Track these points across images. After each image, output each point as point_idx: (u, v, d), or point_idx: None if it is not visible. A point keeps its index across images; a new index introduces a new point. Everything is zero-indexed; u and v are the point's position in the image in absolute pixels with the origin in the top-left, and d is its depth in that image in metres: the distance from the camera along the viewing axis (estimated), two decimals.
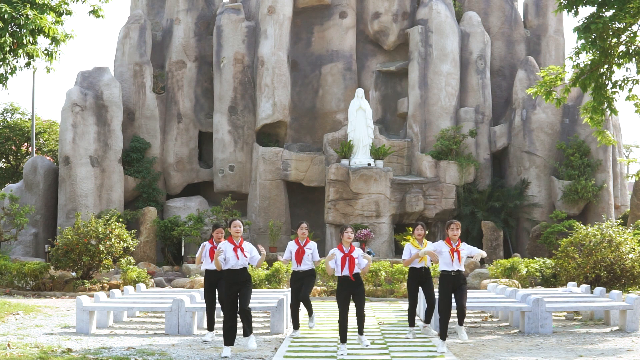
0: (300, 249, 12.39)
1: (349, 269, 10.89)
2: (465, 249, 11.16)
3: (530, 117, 27.71)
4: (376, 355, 10.54)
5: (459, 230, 11.16)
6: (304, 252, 12.37)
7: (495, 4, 30.19)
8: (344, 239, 11.07)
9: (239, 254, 10.65)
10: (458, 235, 11.13)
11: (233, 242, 10.74)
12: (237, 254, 10.64)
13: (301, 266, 12.36)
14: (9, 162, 35.05)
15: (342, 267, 10.93)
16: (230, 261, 10.64)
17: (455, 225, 11.12)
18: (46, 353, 10.48)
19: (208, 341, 12.09)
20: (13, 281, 20.73)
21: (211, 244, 12.22)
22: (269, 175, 27.22)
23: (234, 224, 10.80)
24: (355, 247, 11.12)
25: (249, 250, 10.79)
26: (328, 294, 19.41)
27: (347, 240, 11.05)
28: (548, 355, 10.69)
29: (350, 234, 11.09)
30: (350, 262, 10.91)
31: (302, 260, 12.39)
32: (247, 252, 10.74)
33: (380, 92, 29.25)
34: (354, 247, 11.09)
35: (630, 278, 18.48)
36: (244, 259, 10.67)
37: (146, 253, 25.85)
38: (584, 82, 13.44)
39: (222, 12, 28.73)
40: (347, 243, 11.05)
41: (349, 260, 10.91)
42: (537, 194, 27.40)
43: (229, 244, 10.72)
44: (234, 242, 10.73)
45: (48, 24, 12.20)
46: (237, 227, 10.79)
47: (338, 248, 11.06)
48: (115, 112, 26.99)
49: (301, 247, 12.42)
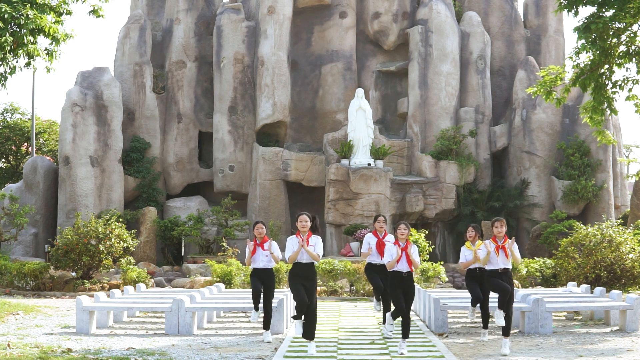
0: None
1: (406, 264, 10.74)
2: (510, 247, 11.03)
3: (530, 117, 27.71)
4: (376, 356, 10.53)
5: (504, 227, 11.09)
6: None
7: (495, 4, 30.20)
8: (398, 235, 10.87)
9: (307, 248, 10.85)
10: (503, 232, 11.08)
11: (300, 236, 10.90)
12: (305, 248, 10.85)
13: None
14: (9, 162, 35.05)
15: (398, 261, 10.74)
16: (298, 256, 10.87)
17: (500, 223, 11.08)
18: (46, 353, 10.47)
19: (253, 321, 12.28)
20: (13, 281, 20.72)
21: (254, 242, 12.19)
22: (269, 175, 27.22)
23: (300, 219, 10.98)
24: (313, 235, 11.02)
25: (313, 243, 11.01)
26: (328, 294, 19.40)
27: (401, 236, 10.84)
28: (548, 355, 10.69)
29: (403, 230, 10.87)
30: (407, 258, 10.75)
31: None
32: (312, 245, 10.96)
33: (380, 92, 29.26)
34: (410, 243, 10.93)
35: (631, 278, 18.48)
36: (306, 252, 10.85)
37: (146, 253, 25.84)
38: (584, 82, 13.43)
39: (222, 12, 28.73)
40: (402, 239, 10.84)
41: (405, 255, 10.74)
42: (537, 194, 27.40)
43: (295, 238, 10.94)
44: (301, 237, 10.89)
45: (48, 23, 12.19)
46: (304, 222, 10.97)
47: (394, 243, 10.86)
48: (115, 112, 26.99)
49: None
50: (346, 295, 19.70)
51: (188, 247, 26.41)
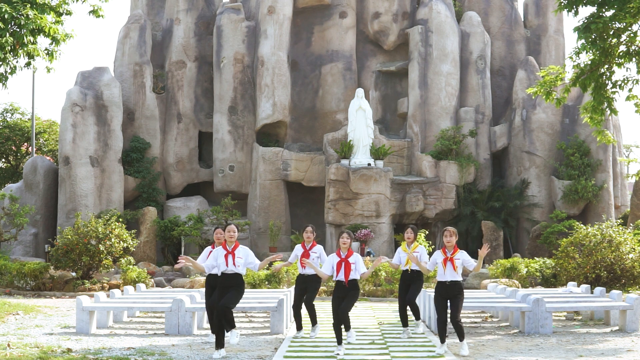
0: (306, 252, 12.35)
1: (344, 274, 10.84)
2: (460, 259, 10.84)
3: (531, 117, 27.70)
4: (376, 356, 10.53)
5: (454, 237, 10.87)
6: (309, 255, 12.30)
7: (495, 4, 30.20)
8: (340, 244, 11.00)
9: (229, 260, 10.54)
10: (453, 242, 10.86)
11: (226, 247, 10.65)
12: (227, 260, 10.56)
13: (305, 270, 12.25)
14: (9, 162, 35.05)
15: (337, 271, 10.90)
16: (221, 267, 10.56)
17: (449, 232, 10.88)
18: (46, 353, 10.47)
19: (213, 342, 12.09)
20: (13, 281, 20.72)
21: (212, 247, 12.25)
22: (269, 175, 27.21)
23: (228, 229, 10.68)
24: (354, 253, 11.04)
25: (243, 255, 10.66)
26: (328, 294, 19.40)
27: (344, 245, 10.97)
28: (548, 356, 10.69)
29: (346, 239, 10.99)
30: (346, 267, 10.85)
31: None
32: (242, 257, 10.61)
33: (380, 92, 29.25)
34: (352, 252, 11.01)
35: (631, 278, 18.48)
36: (232, 265, 10.55)
37: (146, 253, 25.84)
38: (584, 82, 13.44)
39: (222, 12, 28.73)
40: (344, 248, 10.98)
41: (344, 265, 10.86)
42: (537, 194, 27.40)
43: (221, 249, 10.65)
44: (227, 248, 10.63)
45: (48, 23, 12.19)
46: (232, 233, 10.65)
47: (336, 253, 11.02)
48: (115, 112, 26.98)
49: (306, 250, 12.37)
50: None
51: (188, 247, 26.40)
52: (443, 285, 10.83)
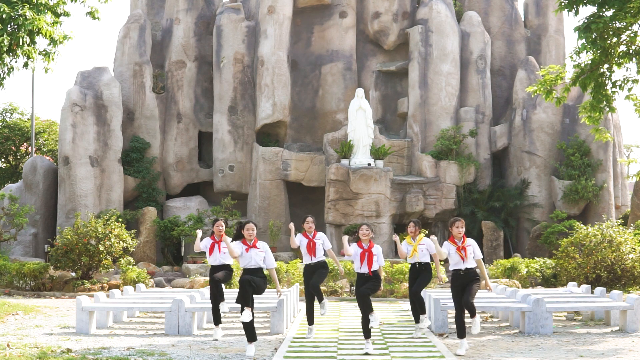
0: (311, 242, 12.41)
1: (367, 265, 11.03)
2: (471, 245, 11.00)
3: (531, 117, 27.69)
4: (376, 356, 10.51)
5: (464, 227, 11.13)
6: (315, 244, 12.40)
7: (496, 4, 30.18)
8: (361, 236, 11.18)
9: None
10: (462, 233, 11.09)
11: (246, 242, 11.11)
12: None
13: (315, 258, 12.36)
14: (8, 162, 35.04)
15: (360, 263, 11.05)
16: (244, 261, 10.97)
17: (460, 223, 11.11)
18: (46, 353, 10.45)
19: (218, 339, 12.08)
20: (12, 281, 20.71)
21: (212, 239, 12.45)
22: (269, 175, 27.20)
23: (247, 227, 11.22)
24: (375, 244, 11.24)
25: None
26: (328, 295, 19.38)
27: (364, 237, 11.17)
28: (548, 356, 10.67)
29: (366, 230, 11.22)
30: (369, 258, 11.03)
31: (315, 251, 12.40)
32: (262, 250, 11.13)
33: (380, 92, 29.23)
34: (373, 243, 11.21)
35: (631, 278, 18.47)
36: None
37: (146, 253, 25.82)
38: (584, 82, 13.43)
39: (222, 11, 28.71)
40: (365, 240, 11.18)
41: (367, 255, 11.03)
42: (538, 194, 27.38)
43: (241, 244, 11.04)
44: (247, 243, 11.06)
45: (46, 25, 12.14)
46: (250, 230, 11.25)
47: (358, 244, 11.15)
48: (115, 112, 26.97)
49: (311, 239, 12.44)
50: (346, 295, 19.70)
51: (188, 247, 26.39)
52: (458, 274, 10.98)
